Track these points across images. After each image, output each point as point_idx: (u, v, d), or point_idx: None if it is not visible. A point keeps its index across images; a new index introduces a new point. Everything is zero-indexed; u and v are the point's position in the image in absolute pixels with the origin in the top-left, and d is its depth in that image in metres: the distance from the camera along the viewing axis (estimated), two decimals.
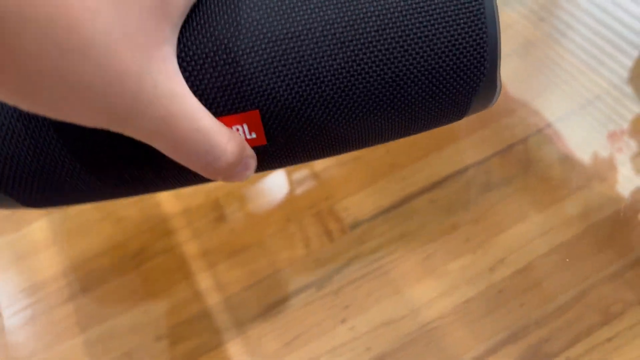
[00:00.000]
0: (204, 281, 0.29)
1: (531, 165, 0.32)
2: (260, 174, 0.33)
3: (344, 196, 0.31)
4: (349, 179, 0.32)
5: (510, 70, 0.37)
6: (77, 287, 0.29)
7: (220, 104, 0.19)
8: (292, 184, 0.33)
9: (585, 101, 0.35)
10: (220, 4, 0.19)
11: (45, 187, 0.21)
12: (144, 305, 0.29)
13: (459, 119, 0.24)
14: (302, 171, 0.33)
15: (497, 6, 0.20)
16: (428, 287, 0.28)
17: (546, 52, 0.39)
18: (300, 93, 0.20)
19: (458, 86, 0.21)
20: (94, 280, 0.29)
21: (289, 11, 0.19)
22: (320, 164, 0.33)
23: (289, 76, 0.19)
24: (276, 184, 0.33)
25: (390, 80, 0.20)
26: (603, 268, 0.28)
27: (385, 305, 0.28)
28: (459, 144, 0.33)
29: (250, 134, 0.20)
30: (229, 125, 0.19)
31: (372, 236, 0.30)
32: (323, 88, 0.20)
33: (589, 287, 0.27)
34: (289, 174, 0.33)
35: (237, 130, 0.19)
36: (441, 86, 0.21)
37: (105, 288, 0.29)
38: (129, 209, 0.32)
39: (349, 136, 0.22)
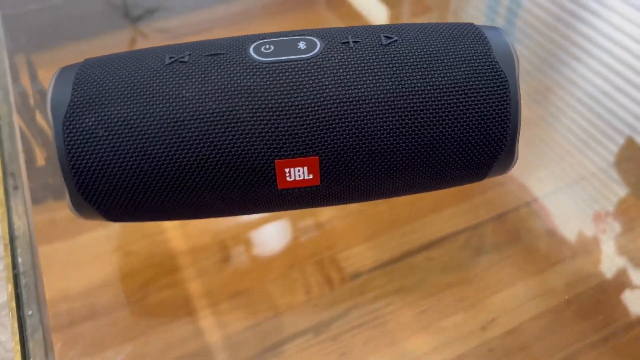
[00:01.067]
0: (206, 319, 0.30)
1: (521, 234, 0.34)
2: (266, 220, 0.35)
3: (346, 247, 0.33)
4: (352, 231, 0.34)
5: None
6: (80, 315, 0.30)
7: (288, 148, 0.24)
8: (297, 232, 0.34)
9: (571, 180, 0.38)
10: (299, 67, 0.24)
11: (138, 209, 0.25)
12: (146, 337, 0.29)
13: (480, 180, 0.28)
14: (307, 220, 0.34)
15: (519, 91, 0.25)
16: (423, 341, 0.29)
17: (538, 132, 0.41)
18: (354, 146, 0.24)
19: (483, 152, 0.26)
20: (99, 309, 0.30)
21: (352, 79, 0.24)
22: (325, 215, 0.35)
23: (347, 132, 0.24)
24: (281, 230, 0.34)
25: (428, 142, 0.25)
26: (588, 336, 0.29)
27: (381, 356, 0.29)
28: (456, 208, 0.35)
29: (308, 175, 0.24)
30: (292, 166, 0.24)
31: (371, 288, 0.31)
32: (373, 144, 0.24)
33: (574, 352, 0.29)
34: (294, 222, 0.35)
35: (298, 170, 0.24)
36: (469, 151, 0.25)
37: (109, 318, 0.30)
38: (139, 243, 0.33)
39: (387, 185, 0.26)
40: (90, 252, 0.32)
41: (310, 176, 0.24)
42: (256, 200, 0.26)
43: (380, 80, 0.24)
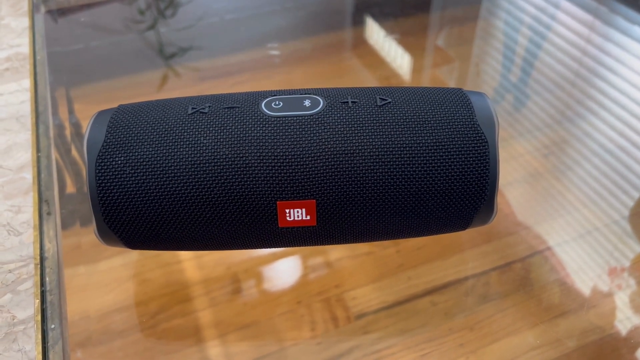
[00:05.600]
0: (213, 349, 0.31)
1: (527, 283, 0.35)
2: (277, 256, 0.36)
3: (353, 287, 0.34)
4: (360, 271, 0.35)
5: (517, 195, 0.41)
6: (96, 336, 0.31)
7: (289, 192, 0.26)
8: (306, 269, 0.35)
9: (584, 231, 0.38)
10: (297, 125, 0.27)
11: (155, 238, 0.28)
12: None
13: (462, 230, 0.30)
14: (316, 258, 0.36)
15: (498, 151, 0.28)
16: None
17: (551, 182, 0.42)
18: (348, 193, 0.27)
19: (464, 205, 0.28)
20: (113, 332, 0.32)
21: (348, 135, 0.27)
22: (334, 255, 0.36)
23: (342, 180, 0.26)
24: (291, 267, 0.36)
25: (414, 193, 0.27)
26: None
27: None
28: (463, 255, 0.36)
29: (305, 216, 0.27)
30: (292, 207, 0.26)
31: (375, 328, 0.32)
32: (364, 191, 0.27)
33: None
34: (304, 260, 0.36)
35: (297, 212, 0.26)
36: (451, 203, 0.28)
37: (122, 342, 0.31)
38: (155, 272, 0.34)
39: (377, 228, 0.28)
40: (109, 278, 0.34)
41: (308, 217, 0.27)
42: (259, 236, 0.28)
43: (373, 137, 0.26)
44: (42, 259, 0.34)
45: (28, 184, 0.39)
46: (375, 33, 0.61)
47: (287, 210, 0.26)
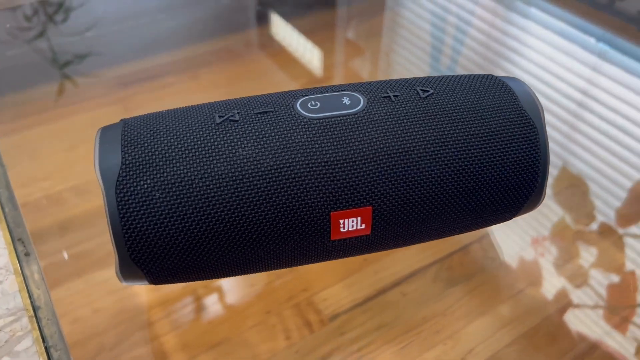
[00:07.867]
0: None
1: (485, 264, 0.36)
2: None
3: (321, 288, 0.33)
4: (325, 271, 0.34)
5: None
6: None
7: (344, 200, 0.24)
8: (270, 276, 0.34)
9: None
10: (346, 125, 0.25)
11: (190, 270, 0.25)
12: None
13: (510, 219, 0.29)
14: None
15: (547, 137, 0.27)
16: None
17: None
18: (404, 195, 0.25)
19: (516, 194, 0.27)
20: None
21: (399, 132, 0.25)
22: None
23: (397, 181, 0.24)
24: (255, 276, 0.34)
25: (470, 187, 0.26)
26: (561, 357, 0.31)
27: None
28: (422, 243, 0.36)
29: (361, 225, 0.25)
30: (347, 217, 0.24)
31: (351, 327, 0.31)
32: (420, 191, 0.25)
33: None
34: None
35: (352, 221, 0.24)
36: (505, 194, 0.27)
37: None
38: (106, 300, 0.31)
39: (431, 229, 0.27)
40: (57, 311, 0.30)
41: (363, 226, 0.25)
42: (307, 252, 0.25)
43: (425, 131, 0.25)
44: (35, 309, 0.29)
45: None
46: (282, 30, 0.60)
47: (342, 221, 0.24)
